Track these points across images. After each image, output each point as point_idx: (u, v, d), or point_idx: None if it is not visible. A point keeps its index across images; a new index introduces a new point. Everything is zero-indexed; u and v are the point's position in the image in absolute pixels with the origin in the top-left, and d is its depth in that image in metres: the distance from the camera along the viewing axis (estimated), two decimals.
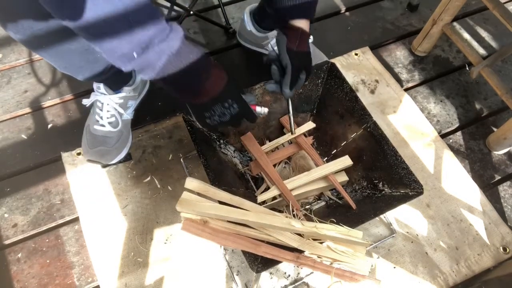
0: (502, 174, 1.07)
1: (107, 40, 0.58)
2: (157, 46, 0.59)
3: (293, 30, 0.77)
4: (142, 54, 0.59)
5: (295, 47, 0.76)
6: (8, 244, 0.91)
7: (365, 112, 0.86)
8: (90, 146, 0.95)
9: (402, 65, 1.26)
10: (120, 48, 0.59)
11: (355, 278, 0.71)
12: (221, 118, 0.70)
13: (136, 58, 0.59)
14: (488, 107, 1.19)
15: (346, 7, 1.38)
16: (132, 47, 0.58)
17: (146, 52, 0.59)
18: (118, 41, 0.58)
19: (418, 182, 0.78)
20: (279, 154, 0.94)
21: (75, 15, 0.55)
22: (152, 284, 0.86)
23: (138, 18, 0.58)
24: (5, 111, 1.09)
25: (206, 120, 0.71)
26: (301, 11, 0.77)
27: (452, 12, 1.12)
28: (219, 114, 0.70)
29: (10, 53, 1.19)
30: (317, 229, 0.70)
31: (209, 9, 1.34)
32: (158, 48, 0.59)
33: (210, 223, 0.71)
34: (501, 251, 0.94)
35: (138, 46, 0.58)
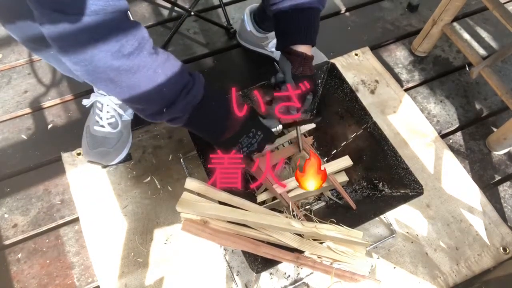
0: (502, 174, 1.07)
1: (140, 104, 0.64)
2: (184, 99, 0.64)
3: (296, 56, 0.79)
4: (170, 109, 0.63)
5: (300, 73, 0.78)
6: (8, 244, 0.91)
7: (365, 112, 0.86)
8: (91, 147, 0.95)
9: (402, 65, 1.26)
10: (151, 108, 0.64)
11: (355, 278, 0.71)
12: (250, 148, 0.74)
13: (165, 113, 0.64)
14: (488, 107, 1.19)
15: (346, 7, 1.38)
16: (162, 106, 0.63)
17: (174, 107, 0.64)
18: (150, 103, 0.63)
19: (418, 183, 0.78)
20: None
21: (114, 90, 0.61)
22: (152, 284, 0.86)
23: (170, 82, 0.62)
24: (5, 111, 1.09)
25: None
26: (303, 38, 0.79)
27: (452, 12, 1.12)
28: (247, 145, 0.73)
29: (10, 53, 1.19)
30: (317, 229, 0.70)
31: (210, 9, 1.35)
32: (184, 101, 0.64)
33: (210, 223, 0.71)
34: (501, 251, 0.94)
35: (167, 103, 0.63)
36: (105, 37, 0.54)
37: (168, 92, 0.62)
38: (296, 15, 0.78)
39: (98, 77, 0.58)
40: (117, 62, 0.56)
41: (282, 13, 0.79)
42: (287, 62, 0.79)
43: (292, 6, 0.77)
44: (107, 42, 0.54)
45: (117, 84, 0.59)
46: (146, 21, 1.29)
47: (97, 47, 0.54)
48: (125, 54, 0.56)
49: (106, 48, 0.54)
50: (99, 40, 0.53)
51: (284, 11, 0.78)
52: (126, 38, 0.55)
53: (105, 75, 0.57)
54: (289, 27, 0.79)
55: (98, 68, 0.56)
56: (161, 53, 0.62)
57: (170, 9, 1.33)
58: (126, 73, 0.57)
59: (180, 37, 1.27)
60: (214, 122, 0.70)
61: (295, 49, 0.79)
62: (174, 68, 0.63)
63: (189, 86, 0.64)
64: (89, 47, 0.53)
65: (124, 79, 0.58)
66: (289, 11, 0.77)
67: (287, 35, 0.80)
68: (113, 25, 0.54)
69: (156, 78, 0.60)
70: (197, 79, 0.66)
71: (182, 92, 0.64)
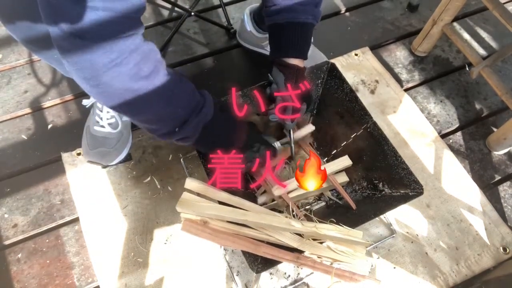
0: (502, 174, 1.07)
1: (154, 124, 0.66)
2: (195, 119, 0.66)
3: (288, 68, 0.80)
4: (182, 128, 0.65)
5: (293, 84, 0.80)
6: (8, 244, 0.91)
7: (365, 113, 0.86)
8: (91, 147, 0.95)
9: (402, 65, 1.26)
10: (164, 128, 0.66)
11: (355, 278, 0.71)
12: (253, 162, 0.76)
13: (177, 132, 0.66)
14: (488, 107, 1.19)
15: (346, 7, 1.38)
16: (175, 125, 0.65)
17: (186, 126, 0.66)
18: (163, 123, 0.65)
19: (418, 182, 0.78)
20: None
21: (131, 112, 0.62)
22: (152, 284, 0.86)
23: (184, 102, 0.64)
24: (5, 111, 1.09)
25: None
26: (296, 51, 0.81)
27: (452, 12, 1.12)
28: (251, 159, 0.76)
29: (10, 53, 1.19)
30: (317, 229, 0.70)
31: (210, 9, 1.35)
32: (195, 121, 0.66)
33: (210, 223, 0.71)
34: (501, 251, 0.94)
35: (180, 123, 0.65)
36: (124, 61, 0.54)
37: (182, 112, 0.64)
38: (291, 29, 0.79)
39: (116, 99, 0.59)
40: (136, 85, 0.57)
41: (276, 26, 0.80)
42: (279, 73, 0.81)
43: (287, 20, 0.78)
44: (126, 66, 0.54)
45: (134, 106, 0.60)
46: (146, 21, 1.29)
47: (116, 72, 0.54)
48: (143, 76, 0.57)
49: (124, 72, 0.55)
50: (118, 65, 0.54)
51: (279, 24, 0.80)
52: (143, 62, 0.56)
53: (122, 97, 0.58)
54: (283, 40, 0.81)
55: (116, 91, 0.57)
56: (174, 74, 0.63)
57: (170, 9, 1.33)
58: (143, 95, 0.58)
59: (180, 37, 1.27)
60: (223, 139, 0.73)
61: (287, 61, 0.81)
62: (187, 89, 0.65)
63: (200, 105, 0.67)
64: (108, 71, 0.54)
65: (141, 101, 0.59)
66: (284, 24, 0.79)
67: (280, 48, 0.82)
68: (131, 49, 0.55)
69: (171, 98, 0.62)
70: (207, 98, 0.69)
71: (194, 111, 0.66)
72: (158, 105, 0.61)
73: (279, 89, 0.81)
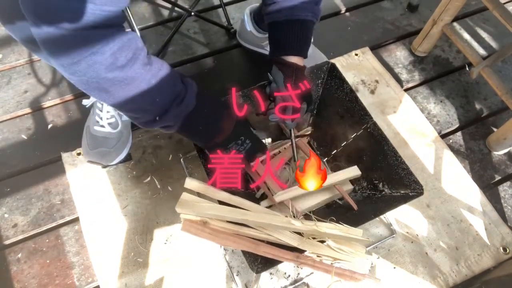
0: (502, 174, 1.07)
1: (134, 112, 0.65)
2: (177, 108, 0.65)
3: (287, 67, 0.80)
4: (162, 117, 0.65)
5: (293, 83, 0.79)
6: (8, 244, 0.91)
7: (365, 113, 0.86)
8: (91, 147, 0.95)
9: (402, 65, 1.26)
10: (144, 117, 0.66)
11: (355, 277, 0.71)
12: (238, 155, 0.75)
13: (158, 121, 0.65)
14: (488, 107, 1.19)
15: (346, 7, 1.38)
16: (155, 115, 0.65)
17: (166, 115, 0.65)
18: (143, 113, 0.65)
19: (418, 183, 0.78)
20: (279, 158, 0.94)
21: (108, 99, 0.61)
22: (152, 284, 0.86)
23: (163, 92, 0.64)
24: (5, 111, 1.09)
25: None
26: (295, 49, 0.81)
27: (452, 12, 1.12)
28: (235, 152, 0.75)
29: (10, 53, 1.19)
30: (317, 227, 0.70)
31: (210, 9, 1.35)
32: (177, 110, 0.66)
33: (210, 223, 0.71)
34: (501, 251, 0.94)
35: (160, 112, 0.64)
36: (99, 51, 0.54)
37: (161, 102, 0.63)
38: (290, 27, 0.79)
39: (92, 87, 0.58)
40: (111, 74, 0.56)
41: (276, 24, 0.80)
42: (279, 72, 0.80)
43: (286, 18, 0.78)
44: (101, 55, 0.54)
45: (111, 94, 0.59)
46: (146, 21, 1.29)
47: (91, 61, 0.54)
48: (119, 66, 0.56)
49: (100, 61, 0.54)
50: (94, 54, 0.54)
51: (278, 22, 0.79)
52: (120, 51, 0.56)
53: (99, 85, 0.58)
54: (282, 38, 0.80)
55: (92, 79, 0.56)
56: (155, 62, 0.62)
57: (170, 9, 1.33)
58: (119, 84, 0.58)
59: (180, 37, 1.27)
60: (205, 129, 0.72)
61: (287, 59, 0.80)
62: (168, 78, 0.64)
63: (181, 95, 0.66)
64: (83, 60, 0.54)
65: (118, 90, 0.59)
66: (283, 22, 0.79)
67: (279, 46, 0.82)
68: (107, 39, 0.54)
69: (149, 88, 0.61)
70: (190, 88, 0.67)
71: (175, 101, 0.65)
72: (134, 95, 0.60)
73: (279, 88, 0.81)
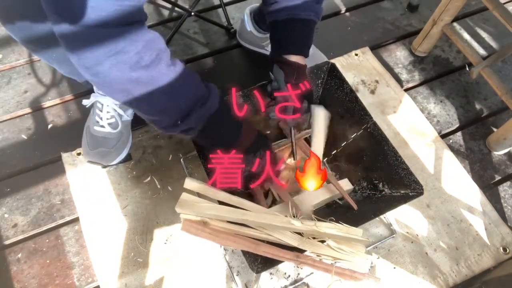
0: (502, 174, 1.07)
1: (156, 115, 0.65)
2: (199, 111, 0.64)
3: (288, 65, 0.80)
4: (185, 121, 0.64)
5: (294, 81, 0.79)
6: (8, 244, 0.91)
7: (365, 113, 0.86)
8: (91, 147, 0.95)
9: (402, 65, 1.26)
10: (166, 120, 0.65)
11: (355, 276, 0.71)
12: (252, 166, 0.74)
13: (180, 125, 0.64)
14: (488, 107, 1.19)
15: (346, 7, 1.38)
16: (177, 118, 0.64)
17: (188, 119, 0.64)
18: (165, 115, 0.64)
19: (418, 183, 0.78)
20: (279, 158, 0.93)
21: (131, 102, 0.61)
22: (152, 284, 0.86)
23: (186, 94, 0.63)
24: (5, 111, 1.09)
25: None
26: (297, 49, 0.81)
27: (452, 12, 1.12)
28: (250, 163, 0.74)
29: (10, 53, 1.19)
30: (317, 227, 0.70)
31: (210, 9, 1.35)
32: (199, 113, 0.65)
33: (210, 224, 0.70)
34: (501, 251, 0.94)
35: (182, 115, 0.64)
36: (124, 50, 0.53)
37: (184, 104, 0.63)
38: (292, 26, 0.79)
39: (115, 89, 0.58)
40: (135, 74, 0.56)
41: (277, 23, 0.80)
42: (280, 71, 0.80)
43: (288, 17, 0.78)
44: (126, 54, 0.54)
45: (135, 96, 0.59)
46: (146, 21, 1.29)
47: (116, 60, 0.53)
48: (144, 65, 0.56)
49: (124, 60, 0.54)
50: (118, 53, 0.53)
51: (280, 21, 0.79)
52: (145, 50, 0.55)
53: (123, 86, 0.57)
54: (283, 37, 0.80)
55: (116, 79, 0.56)
56: (179, 64, 0.62)
57: (171, 9, 1.33)
58: (144, 85, 0.58)
59: (181, 37, 1.27)
60: (226, 136, 0.71)
61: (288, 58, 0.80)
62: (191, 80, 0.63)
63: (204, 98, 0.65)
64: (107, 59, 0.53)
65: (141, 91, 0.58)
66: (284, 21, 0.78)
67: (281, 45, 0.81)
68: (131, 36, 0.54)
69: (174, 90, 0.60)
70: (213, 91, 0.67)
71: (197, 104, 0.64)
72: (158, 96, 0.60)
73: (280, 88, 0.81)
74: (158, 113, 0.64)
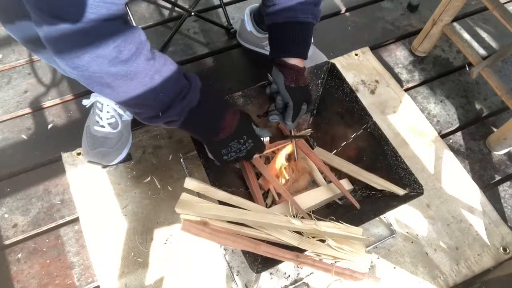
0: (502, 174, 1.07)
1: (137, 108, 0.65)
2: (180, 104, 0.64)
3: (288, 68, 0.80)
4: (166, 113, 0.64)
5: (293, 84, 0.79)
6: (8, 244, 0.91)
7: (365, 113, 0.86)
8: (91, 147, 0.95)
9: (402, 65, 1.26)
10: (147, 112, 0.65)
11: (355, 276, 0.71)
12: (238, 154, 0.74)
13: (161, 117, 0.64)
14: (488, 108, 1.19)
15: (346, 7, 1.38)
16: (158, 110, 0.64)
17: (170, 111, 0.64)
18: (146, 108, 0.64)
19: (418, 183, 0.78)
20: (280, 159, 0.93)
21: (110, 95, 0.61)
22: (152, 284, 0.86)
23: (166, 87, 0.63)
24: (5, 111, 1.09)
25: (223, 157, 0.74)
26: (296, 51, 0.81)
27: (452, 12, 1.12)
28: (236, 150, 0.74)
29: (10, 53, 1.19)
30: (317, 226, 0.70)
31: (210, 9, 1.35)
32: (180, 106, 0.64)
33: (210, 224, 0.70)
34: (501, 251, 0.94)
35: (163, 108, 0.64)
36: (103, 44, 0.53)
37: (164, 97, 0.63)
38: (290, 28, 0.79)
39: (94, 82, 0.58)
40: (114, 68, 0.56)
41: (276, 26, 0.80)
42: (279, 73, 0.80)
43: (286, 19, 0.78)
44: (105, 49, 0.54)
45: (114, 89, 0.59)
46: (146, 21, 1.29)
47: (95, 54, 0.53)
48: (122, 60, 0.56)
49: (103, 54, 0.54)
50: (97, 47, 0.53)
51: (278, 24, 0.79)
52: (124, 44, 0.55)
53: (102, 80, 0.57)
54: (282, 40, 0.80)
55: (94, 73, 0.56)
56: (158, 57, 0.61)
57: (171, 9, 1.33)
58: (122, 79, 0.57)
59: (181, 37, 1.27)
60: (208, 125, 0.71)
61: (287, 61, 0.80)
62: (171, 73, 0.63)
63: (185, 90, 0.65)
64: (86, 54, 0.53)
65: (121, 85, 0.58)
66: (283, 24, 0.79)
67: (279, 47, 0.82)
68: (111, 32, 0.54)
69: (153, 83, 0.60)
70: (194, 83, 0.67)
71: (178, 96, 0.64)
72: (137, 90, 0.60)
73: (279, 91, 0.81)
74: (139, 106, 0.64)
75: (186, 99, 0.65)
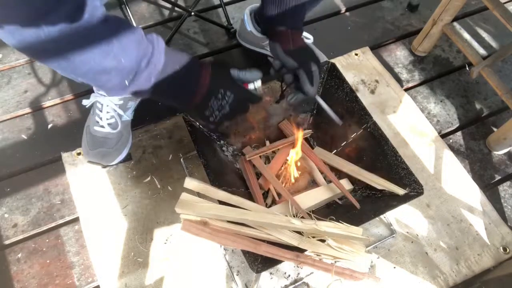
0: (502, 174, 1.07)
1: (97, 78, 0.59)
2: (146, 70, 0.60)
3: (282, 35, 0.75)
4: (132, 81, 0.60)
5: (292, 46, 0.74)
6: (8, 244, 0.91)
7: (365, 112, 0.86)
8: (91, 147, 0.95)
9: (402, 65, 1.26)
10: (111, 82, 0.60)
11: (355, 276, 0.71)
12: (222, 111, 0.68)
13: (128, 86, 0.60)
14: (488, 107, 1.19)
15: (346, 7, 1.38)
16: (122, 78, 0.59)
17: (136, 79, 0.60)
18: (109, 77, 0.59)
19: (418, 182, 0.78)
20: (280, 159, 0.94)
21: (68, 67, 0.56)
22: (152, 284, 0.86)
23: (127, 52, 0.58)
24: (5, 111, 1.09)
25: (210, 120, 0.69)
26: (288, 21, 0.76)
27: (452, 12, 1.12)
28: (218, 108, 0.68)
29: (10, 53, 1.19)
30: (317, 226, 0.70)
31: (210, 9, 1.35)
32: (146, 72, 0.60)
33: (210, 224, 0.71)
34: (501, 251, 0.94)
35: (128, 75, 0.59)
36: (52, 10, 0.48)
37: (127, 64, 0.58)
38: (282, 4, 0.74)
39: (49, 55, 0.53)
40: (68, 36, 0.51)
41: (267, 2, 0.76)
42: (275, 43, 0.75)
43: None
44: (57, 15, 0.49)
45: (70, 60, 0.54)
46: (146, 21, 1.29)
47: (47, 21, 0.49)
48: (76, 26, 0.50)
49: (55, 20, 0.49)
50: (46, 14, 0.48)
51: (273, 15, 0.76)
52: (76, 10, 0.50)
53: (57, 51, 0.52)
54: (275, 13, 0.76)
55: (47, 44, 0.51)
56: (115, 20, 0.56)
57: (171, 9, 1.33)
58: (76, 46, 0.53)
59: (181, 37, 1.27)
60: (180, 88, 0.66)
61: (281, 29, 0.75)
62: (130, 36, 0.58)
63: (148, 54, 0.60)
64: (32, 22, 0.49)
65: (76, 53, 0.53)
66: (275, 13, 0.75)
67: (272, 20, 0.77)
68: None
69: (111, 47, 0.55)
70: (156, 45, 0.61)
71: (142, 62, 0.59)
72: (95, 56, 0.55)
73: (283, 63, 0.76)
74: (101, 76, 0.58)
75: (151, 63, 0.60)
